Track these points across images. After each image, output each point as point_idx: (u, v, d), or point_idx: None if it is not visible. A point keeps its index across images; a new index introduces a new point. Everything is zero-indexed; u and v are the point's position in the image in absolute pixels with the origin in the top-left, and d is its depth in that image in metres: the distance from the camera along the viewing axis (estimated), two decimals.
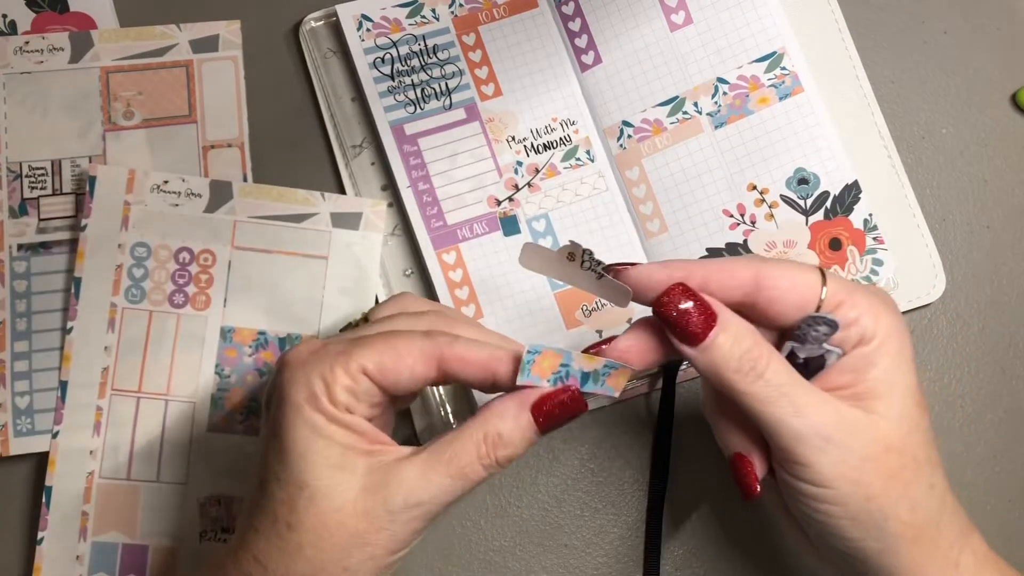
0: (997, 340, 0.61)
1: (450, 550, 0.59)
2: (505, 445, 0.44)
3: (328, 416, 0.43)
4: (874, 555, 0.45)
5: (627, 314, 0.59)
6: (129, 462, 0.57)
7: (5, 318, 0.58)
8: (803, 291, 0.45)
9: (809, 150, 0.60)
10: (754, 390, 0.44)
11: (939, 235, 0.62)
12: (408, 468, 0.44)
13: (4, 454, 0.57)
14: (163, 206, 0.58)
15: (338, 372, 0.43)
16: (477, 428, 0.44)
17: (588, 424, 0.60)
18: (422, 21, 0.61)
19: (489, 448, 0.44)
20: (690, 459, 0.60)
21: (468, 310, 0.58)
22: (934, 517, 0.45)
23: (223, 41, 0.61)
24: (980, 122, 0.63)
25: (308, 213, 0.59)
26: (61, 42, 0.60)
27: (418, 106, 0.60)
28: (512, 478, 0.59)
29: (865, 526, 0.45)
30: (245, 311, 0.58)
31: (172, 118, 0.60)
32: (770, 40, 0.60)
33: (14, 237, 0.59)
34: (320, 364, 0.44)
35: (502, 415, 0.44)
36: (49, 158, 0.60)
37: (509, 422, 0.44)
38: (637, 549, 0.59)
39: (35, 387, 0.58)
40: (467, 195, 0.59)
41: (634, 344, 0.47)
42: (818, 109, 0.60)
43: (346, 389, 0.43)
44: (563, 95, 0.60)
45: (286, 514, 0.43)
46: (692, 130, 0.60)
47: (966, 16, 0.64)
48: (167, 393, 0.58)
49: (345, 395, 0.43)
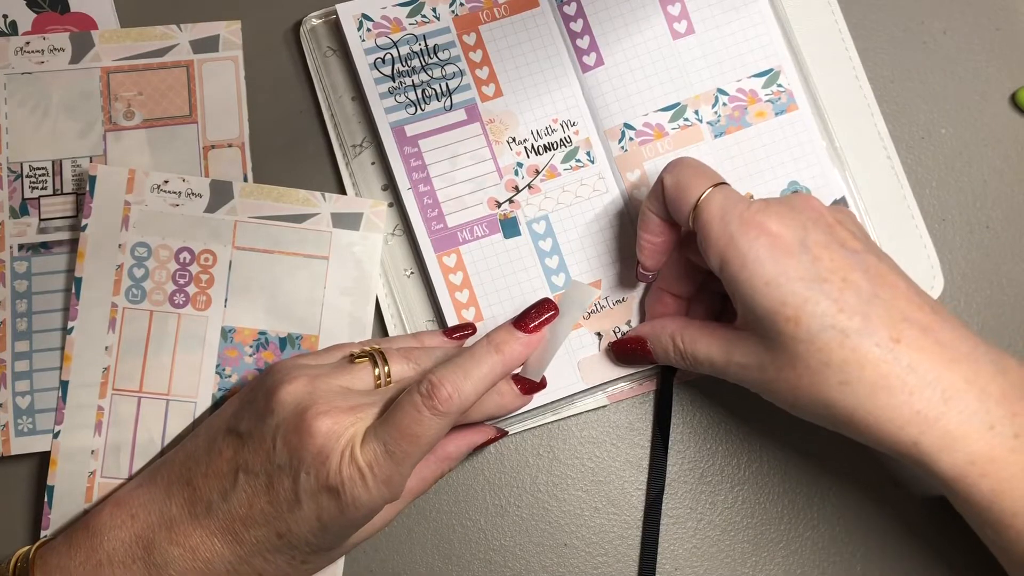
0: (996, 340, 0.61)
1: (450, 550, 0.59)
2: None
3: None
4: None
5: (627, 315, 0.59)
6: (130, 462, 0.57)
7: (6, 318, 0.58)
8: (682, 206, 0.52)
9: (802, 165, 0.60)
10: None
11: (938, 235, 0.62)
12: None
13: (5, 454, 0.57)
14: (163, 206, 0.58)
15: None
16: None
17: (588, 424, 0.60)
18: (422, 21, 0.61)
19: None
20: (689, 459, 0.60)
21: (468, 313, 0.58)
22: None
23: (223, 41, 0.61)
24: (980, 122, 0.63)
25: (309, 213, 0.59)
26: (62, 42, 0.60)
27: (419, 107, 0.60)
28: (512, 478, 0.60)
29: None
30: (246, 311, 0.58)
31: (172, 118, 0.60)
32: (767, 58, 0.61)
33: (15, 237, 0.59)
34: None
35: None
36: (50, 158, 0.60)
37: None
38: (637, 549, 0.59)
39: (36, 387, 0.58)
40: (467, 197, 0.60)
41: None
42: (811, 127, 0.60)
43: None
44: (564, 96, 0.60)
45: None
46: (693, 137, 0.60)
47: (965, 16, 0.64)
48: (168, 393, 0.58)
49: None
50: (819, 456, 0.60)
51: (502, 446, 0.60)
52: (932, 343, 0.47)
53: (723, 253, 0.49)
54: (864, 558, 0.59)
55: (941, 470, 0.46)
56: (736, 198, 0.50)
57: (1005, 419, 0.46)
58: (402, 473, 0.48)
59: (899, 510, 0.59)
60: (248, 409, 0.51)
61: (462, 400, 0.49)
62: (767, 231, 0.49)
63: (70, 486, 0.57)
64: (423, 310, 0.60)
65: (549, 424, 0.60)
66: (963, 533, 0.51)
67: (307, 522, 0.48)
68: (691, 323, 0.54)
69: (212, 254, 0.58)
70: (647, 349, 0.56)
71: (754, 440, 0.60)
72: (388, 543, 0.59)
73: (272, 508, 0.49)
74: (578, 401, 0.59)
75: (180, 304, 0.58)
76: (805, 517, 0.59)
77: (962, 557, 0.58)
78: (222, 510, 0.49)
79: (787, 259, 0.48)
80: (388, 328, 0.59)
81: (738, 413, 0.60)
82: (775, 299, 0.48)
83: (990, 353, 0.48)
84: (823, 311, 0.47)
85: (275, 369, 0.52)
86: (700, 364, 0.53)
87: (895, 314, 0.48)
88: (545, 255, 0.59)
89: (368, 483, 0.47)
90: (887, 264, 0.50)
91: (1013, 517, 0.46)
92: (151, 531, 0.50)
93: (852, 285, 0.48)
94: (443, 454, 0.55)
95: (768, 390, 0.50)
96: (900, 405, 0.46)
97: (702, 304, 0.58)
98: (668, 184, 0.53)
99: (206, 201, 0.59)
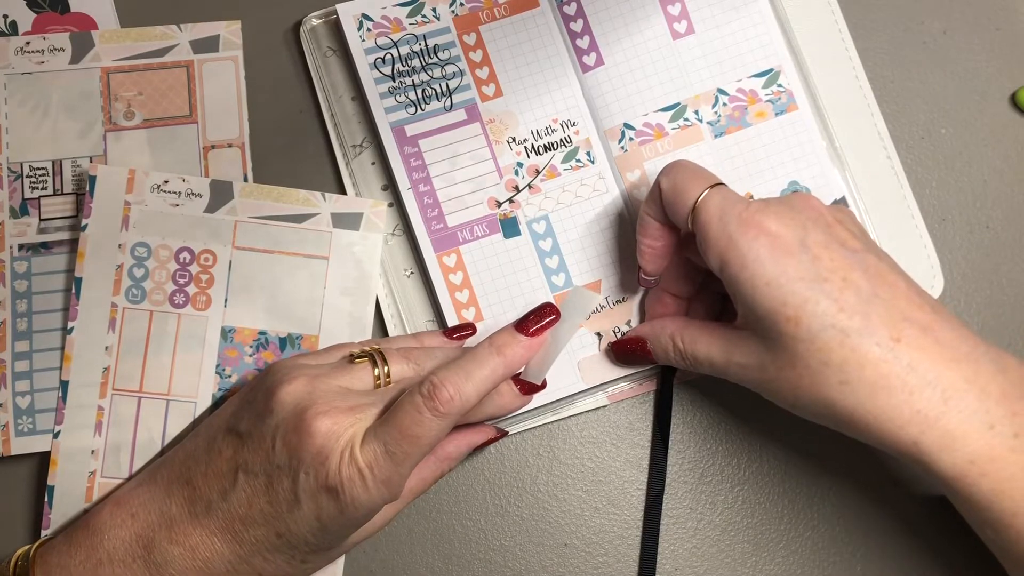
0: (996, 340, 0.61)
1: (450, 550, 0.59)
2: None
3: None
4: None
5: (627, 315, 0.59)
6: (130, 462, 0.57)
7: (6, 318, 0.58)
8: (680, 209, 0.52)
9: (802, 165, 0.60)
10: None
11: (938, 235, 0.62)
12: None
13: (5, 454, 0.57)
14: (163, 206, 0.58)
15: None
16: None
17: (588, 424, 0.60)
18: (423, 21, 0.61)
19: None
20: (689, 459, 0.60)
21: (468, 313, 0.58)
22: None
23: (223, 41, 0.61)
24: (979, 122, 0.63)
25: (309, 213, 0.59)
26: (62, 42, 0.60)
27: (419, 107, 0.60)
28: (512, 478, 0.60)
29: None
30: (246, 311, 0.58)
31: (172, 118, 0.60)
32: (767, 58, 0.61)
33: (15, 237, 0.59)
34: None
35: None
36: (50, 158, 0.60)
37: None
38: (637, 549, 0.59)
39: (36, 387, 0.58)
40: (467, 196, 0.60)
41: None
42: (811, 127, 0.60)
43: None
44: (564, 96, 0.60)
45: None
46: (693, 137, 0.60)
47: (965, 16, 0.64)
48: (168, 393, 0.58)
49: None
50: (819, 456, 0.60)
51: (502, 446, 0.60)
52: (932, 342, 0.47)
53: (723, 254, 0.49)
54: (864, 558, 0.59)
55: (941, 469, 0.46)
56: (734, 198, 0.50)
57: (1005, 418, 0.46)
58: (402, 474, 0.48)
59: (899, 510, 0.59)
60: (248, 409, 0.51)
61: (463, 401, 0.49)
62: (767, 231, 0.49)
63: (70, 486, 0.57)
64: (423, 310, 0.60)
65: (549, 424, 0.60)
66: (963, 533, 0.51)
67: (306, 522, 0.48)
68: (691, 323, 0.54)
69: (212, 254, 0.58)
70: (647, 349, 0.56)
71: (754, 440, 0.60)
72: (388, 543, 0.59)
73: (271, 508, 0.49)
74: (578, 401, 0.59)
75: (180, 304, 0.58)
76: (805, 517, 0.59)
77: (962, 557, 0.58)
78: (222, 509, 0.49)
79: (787, 259, 0.48)
80: (388, 328, 0.59)
81: (738, 413, 0.60)
82: (776, 299, 0.48)
83: (990, 352, 0.48)
84: (823, 311, 0.47)
85: (275, 369, 0.52)
86: (700, 364, 0.53)
87: (895, 313, 0.48)
88: (545, 255, 0.59)
89: (368, 483, 0.47)
90: (887, 263, 0.50)
91: (1013, 517, 0.46)
92: (151, 530, 0.50)
93: (852, 285, 0.48)
94: (443, 454, 0.55)
95: (768, 390, 0.50)
96: (900, 404, 0.46)
97: (702, 304, 0.58)
98: (665, 187, 0.53)
99: (206, 201, 0.59)
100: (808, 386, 0.48)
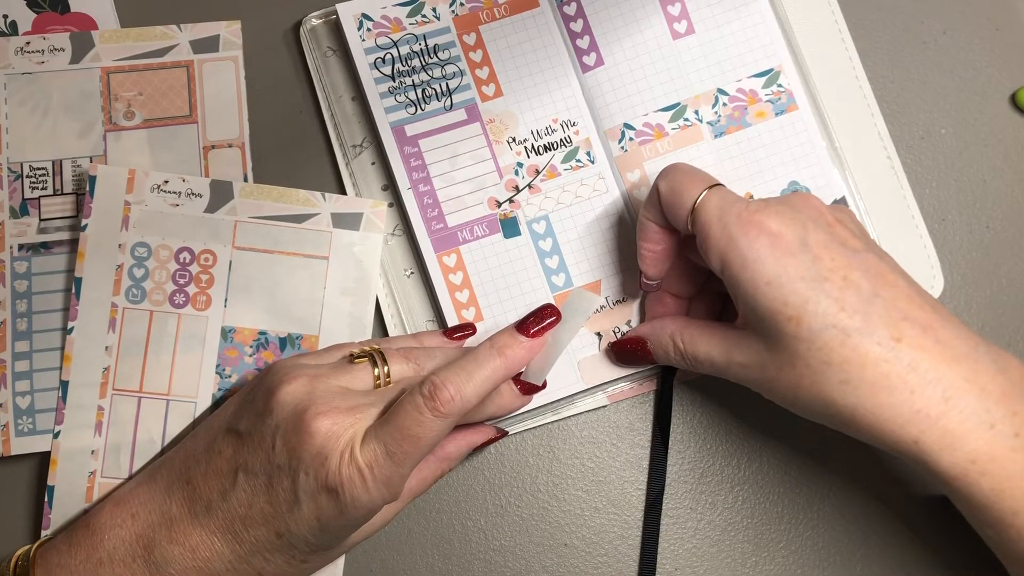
0: (996, 340, 0.61)
1: (450, 550, 0.59)
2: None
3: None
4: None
5: (627, 315, 0.59)
6: (131, 462, 0.57)
7: (6, 318, 0.58)
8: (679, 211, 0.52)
9: (802, 165, 0.60)
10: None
11: (938, 235, 0.62)
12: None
13: (5, 454, 0.57)
14: (163, 206, 0.58)
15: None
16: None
17: (588, 424, 0.60)
18: (423, 20, 0.61)
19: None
20: (689, 459, 0.60)
21: (468, 313, 0.58)
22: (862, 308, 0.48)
23: (223, 41, 0.61)
24: (979, 122, 0.63)
25: (309, 213, 0.59)
26: (62, 42, 0.60)
27: (419, 107, 0.60)
28: (512, 478, 0.60)
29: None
30: (246, 311, 0.58)
31: (173, 118, 0.60)
32: (767, 58, 0.61)
33: (15, 237, 0.59)
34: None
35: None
36: (50, 158, 0.60)
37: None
38: (637, 549, 0.59)
39: (36, 387, 0.58)
40: (467, 196, 0.60)
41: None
42: (811, 127, 0.60)
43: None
44: (564, 96, 0.60)
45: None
46: (693, 137, 0.60)
47: (965, 16, 0.64)
48: (168, 393, 0.58)
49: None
50: (819, 456, 0.60)
51: (502, 446, 0.60)
52: (933, 342, 0.47)
53: (723, 254, 0.49)
54: (864, 558, 0.59)
55: (942, 469, 0.46)
56: (733, 198, 0.51)
57: (1005, 418, 0.46)
58: (402, 474, 0.48)
59: (899, 510, 0.59)
60: (248, 409, 0.51)
61: (464, 402, 0.49)
62: (767, 230, 0.49)
63: (70, 486, 0.57)
64: (423, 310, 0.60)
65: (549, 424, 0.60)
66: (963, 533, 0.51)
67: (306, 522, 0.48)
68: (691, 323, 0.54)
69: (212, 254, 0.58)
70: (647, 349, 0.56)
71: (754, 440, 0.60)
72: (388, 543, 0.59)
73: (271, 508, 0.49)
74: (578, 401, 0.59)
75: (180, 304, 0.58)
76: (805, 517, 0.59)
77: (962, 557, 0.58)
78: (222, 509, 0.50)
79: (788, 258, 0.48)
80: (388, 328, 0.59)
81: (738, 413, 0.60)
82: (776, 299, 0.48)
83: (990, 352, 0.48)
84: (824, 310, 0.47)
85: (275, 369, 0.52)
86: (700, 364, 0.53)
87: (896, 313, 0.48)
88: (545, 255, 0.59)
89: (368, 484, 0.47)
90: (887, 263, 0.50)
91: (1014, 516, 0.46)
92: (151, 530, 0.50)
93: (853, 284, 0.48)
94: (443, 454, 0.55)
95: (769, 389, 0.50)
96: (901, 404, 0.47)
97: (703, 304, 0.58)
98: (663, 190, 0.53)
99: (206, 201, 0.59)
100: (809, 385, 0.48)
